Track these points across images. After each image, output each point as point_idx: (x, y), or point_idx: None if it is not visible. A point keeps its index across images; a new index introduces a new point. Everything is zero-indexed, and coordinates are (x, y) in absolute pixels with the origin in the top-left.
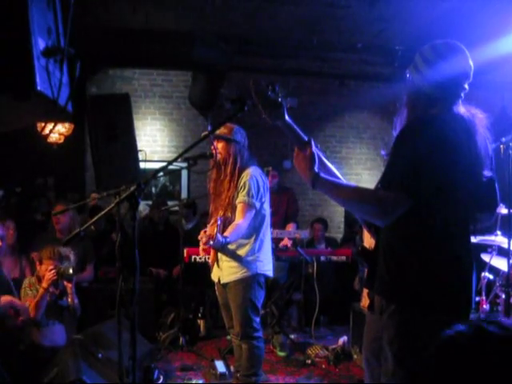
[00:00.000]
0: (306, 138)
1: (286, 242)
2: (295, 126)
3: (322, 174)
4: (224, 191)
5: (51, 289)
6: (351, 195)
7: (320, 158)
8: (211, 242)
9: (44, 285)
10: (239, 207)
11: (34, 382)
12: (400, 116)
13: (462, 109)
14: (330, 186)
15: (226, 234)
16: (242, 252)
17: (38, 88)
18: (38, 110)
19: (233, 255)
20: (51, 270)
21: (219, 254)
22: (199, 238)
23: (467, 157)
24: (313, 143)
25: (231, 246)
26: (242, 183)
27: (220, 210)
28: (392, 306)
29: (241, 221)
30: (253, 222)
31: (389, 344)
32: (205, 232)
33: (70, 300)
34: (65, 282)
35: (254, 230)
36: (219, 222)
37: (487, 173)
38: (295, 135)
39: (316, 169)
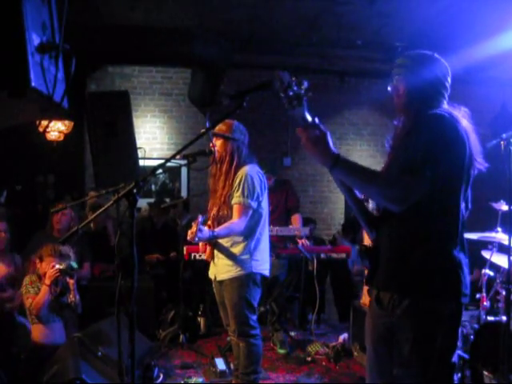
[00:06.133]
0: (311, 120)
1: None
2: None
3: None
4: (219, 189)
5: (52, 286)
6: (372, 179)
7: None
8: (196, 239)
9: (46, 282)
10: (235, 208)
11: (33, 380)
12: (398, 121)
13: (446, 106)
14: (350, 167)
15: (216, 229)
16: (236, 250)
17: (33, 84)
18: (34, 106)
19: (227, 253)
20: (53, 266)
21: (215, 252)
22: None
23: (466, 153)
24: (319, 123)
25: (226, 244)
26: (236, 182)
27: (214, 208)
28: (406, 301)
29: (236, 220)
30: (249, 221)
31: (405, 338)
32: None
33: (71, 296)
34: (67, 279)
35: (250, 229)
36: (200, 220)
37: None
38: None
39: (334, 148)
